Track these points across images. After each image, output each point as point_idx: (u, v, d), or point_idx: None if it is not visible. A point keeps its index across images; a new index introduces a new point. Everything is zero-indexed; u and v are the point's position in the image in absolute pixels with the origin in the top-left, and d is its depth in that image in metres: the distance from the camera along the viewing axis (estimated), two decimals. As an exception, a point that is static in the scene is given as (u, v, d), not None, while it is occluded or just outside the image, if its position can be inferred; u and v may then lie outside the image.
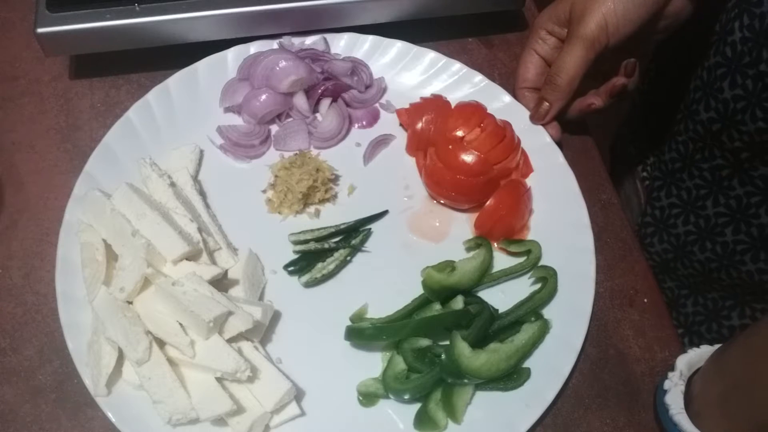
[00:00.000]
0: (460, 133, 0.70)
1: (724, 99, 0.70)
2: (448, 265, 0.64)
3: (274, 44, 0.76)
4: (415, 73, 0.77)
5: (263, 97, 0.71)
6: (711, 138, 0.74)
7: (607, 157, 1.00)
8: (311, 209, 0.69)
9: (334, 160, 0.72)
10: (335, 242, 0.67)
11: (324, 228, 0.68)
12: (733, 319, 0.80)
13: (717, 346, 0.58)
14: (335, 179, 0.71)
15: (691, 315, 0.83)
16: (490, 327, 0.62)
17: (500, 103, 0.75)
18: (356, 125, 0.75)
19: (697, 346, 0.60)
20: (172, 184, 0.65)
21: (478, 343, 0.60)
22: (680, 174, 0.81)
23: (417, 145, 0.73)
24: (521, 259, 0.67)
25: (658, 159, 0.86)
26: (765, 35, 0.66)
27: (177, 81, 0.72)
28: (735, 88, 0.69)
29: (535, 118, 0.73)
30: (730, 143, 0.72)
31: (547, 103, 0.71)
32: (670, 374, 0.59)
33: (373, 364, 0.62)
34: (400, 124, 0.75)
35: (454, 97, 0.74)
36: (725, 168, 0.75)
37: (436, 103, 0.73)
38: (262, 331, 0.61)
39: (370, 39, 0.77)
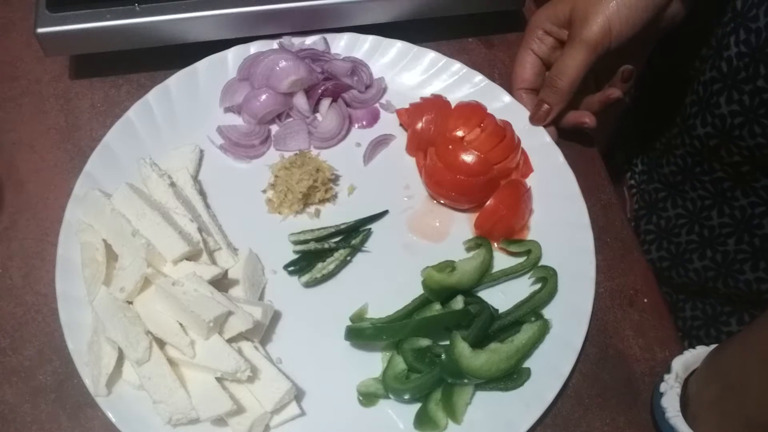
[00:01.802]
0: (460, 133, 0.70)
1: (721, 114, 0.70)
2: (448, 265, 0.64)
3: (274, 44, 0.76)
4: (415, 73, 0.77)
5: (263, 97, 0.71)
6: (709, 152, 0.74)
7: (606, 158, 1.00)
8: (311, 209, 0.69)
9: (334, 160, 0.72)
10: (335, 242, 0.67)
11: (324, 228, 0.68)
12: (731, 325, 0.80)
13: (713, 346, 0.58)
14: (335, 179, 0.71)
15: (690, 320, 0.83)
16: (490, 327, 0.62)
17: (500, 103, 0.75)
18: (356, 125, 0.75)
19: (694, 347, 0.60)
20: (172, 184, 0.65)
21: (478, 343, 0.60)
22: (682, 186, 0.80)
23: (417, 145, 0.73)
24: (521, 259, 0.67)
25: (656, 171, 0.85)
26: (761, 51, 0.65)
27: (177, 81, 0.72)
28: (731, 103, 0.69)
29: (534, 120, 0.73)
30: (729, 158, 0.72)
31: (547, 105, 0.71)
32: (666, 377, 0.59)
33: (373, 364, 0.62)
34: (400, 124, 0.75)
35: (454, 97, 0.74)
36: (726, 180, 0.75)
37: (436, 103, 0.73)
38: (262, 331, 0.61)
39: (370, 39, 0.77)
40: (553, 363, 0.62)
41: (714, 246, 0.78)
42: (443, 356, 0.59)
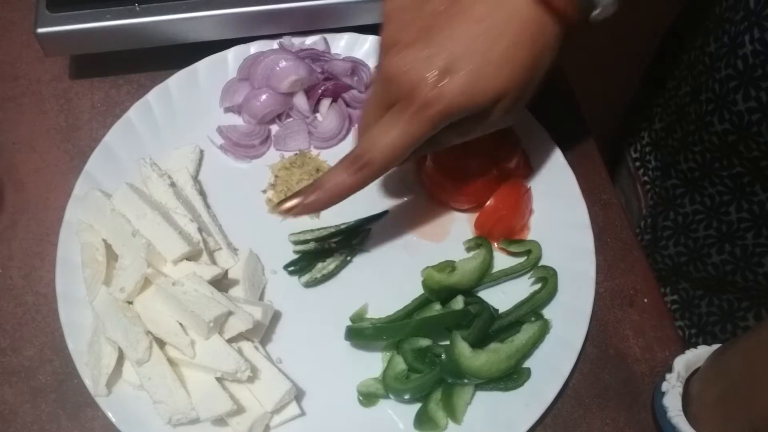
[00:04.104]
0: (460, 133, 0.70)
1: (739, 111, 0.70)
2: (448, 265, 0.64)
3: (274, 44, 0.75)
4: (415, 73, 0.77)
5: (263, 97, 0.71)
6: (728, 148, 0.74)
7: (607, 158, 1.00)
8: (311, 209, 0.69)
9: (334, 160, 0.71)
10: (335, 242, 0.67)
11: (324, 228, 0.68)
12: (749, 320, 0.79)
13: (715, 346, 0.58)
14: (335, 179, 0.71)
15: (705, 315, 0.83)
16: (490, 327, 0.62)
17: (500, 103, 0.75)
18: (356, 125, 0.75)
19: (708, 344, 0.60)
20: (172, 184, 0.65)
21: (478, 343, 0.60)
22: (701, 182, 0.80)
23: (417, 145, 0.72)
24: (521, 259, 0.67)
25: (673, 168, 0.85)
26: None
27: (177, 81, 0.72)
28: (749, 100, 0.69)
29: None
30: (748, 153, 0.72)
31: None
32: (668, 376, 0.58)
33: (373, 364, 0.62)
34: (400, 124, 0.75)
35: (454, 97, 0.74)
36: (746, 176, 0.75)
37: (436, 103, 0.73)
38: (262, 331, 0.61)
39: (370, 39, 0.77)
40: (553, 363, 0.62)
41: (732, 240, 0.78)
42: (443, 356, 0.59)
